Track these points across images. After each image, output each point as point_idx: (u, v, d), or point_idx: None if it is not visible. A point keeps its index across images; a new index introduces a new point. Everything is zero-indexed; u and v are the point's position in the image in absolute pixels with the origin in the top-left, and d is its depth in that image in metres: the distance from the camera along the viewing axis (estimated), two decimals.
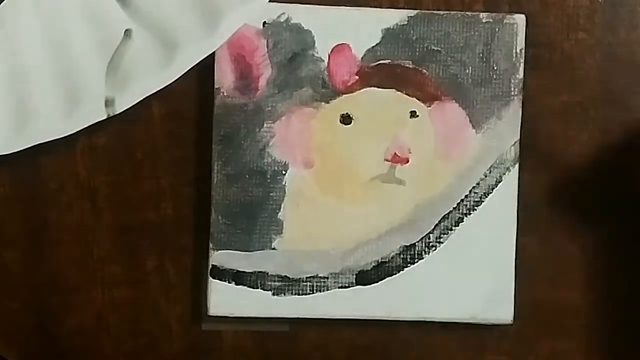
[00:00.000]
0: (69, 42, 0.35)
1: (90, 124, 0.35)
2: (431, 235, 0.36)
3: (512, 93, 0.36)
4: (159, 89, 0.34)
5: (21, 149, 0.35)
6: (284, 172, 0.36)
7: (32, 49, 0.35)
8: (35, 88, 0.35)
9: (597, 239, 0.37)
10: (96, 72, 0.35)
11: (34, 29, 0.35)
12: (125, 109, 0.35)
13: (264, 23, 0.36)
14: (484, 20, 0.36)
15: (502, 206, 0.36)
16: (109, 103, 0.34)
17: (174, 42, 0.34)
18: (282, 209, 0.36)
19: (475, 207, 0.36)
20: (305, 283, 0.36)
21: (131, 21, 0.35)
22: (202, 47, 0.34)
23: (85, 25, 0.35)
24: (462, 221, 0.36)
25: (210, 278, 0.36)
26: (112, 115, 0.35)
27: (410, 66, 0.36)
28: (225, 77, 0.36)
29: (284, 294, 0.36)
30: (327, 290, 0.36)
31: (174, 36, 0.34)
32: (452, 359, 0.38)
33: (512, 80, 0.36)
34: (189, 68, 0.34)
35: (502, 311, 0.36)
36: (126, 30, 0.35)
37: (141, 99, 0.34)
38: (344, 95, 0.36)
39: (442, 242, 0.36)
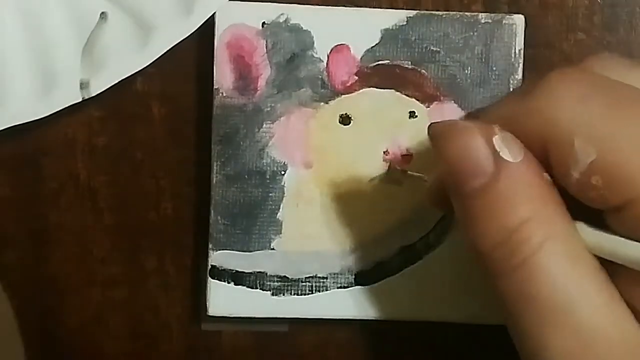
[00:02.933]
0: (44, 25, 0.35)
1: (66, 106, 0.35)
2: (430, 235, 0.36)
3: None
4: (134, 72, 0.34)
5: None
6: (283, 173, 0.36)
7: (7, 30, 0.35)
8: (11, 70, 0.35)
9: None
10: (71, 55, 0.35)
11: (9, 11, 0.35)
12: (100, 91, 0.35)
13: (263, 23, 0.36)
14: (482, 21, 0.36)
15: None
16: (83, 86, 0.34)
17: (149, 25, 0.34)
18: (281, 209, 0.36)
19: None
20: (304, 283, 0.36)
21: (107, 3, 0.35)
22: (178, 30, 0.34)
23: (60, 7, 0.35)
24: None
25: (210, 278, 0.36)
26: (87, 97, 0.34)
27: (409, 67, 0.36)
28: (224, 78, 0.36)
29: (283, 294, 0.36)
30: (326, 290, 0.36)
31: (149, 19, 0.34)
32: (452, 359, 0.38)
33: (511, 81, 0.36)
34: (165, 51, 0.34)
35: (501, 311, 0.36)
36: (102, 12, 0.35)
37: (116, 81, 0.34)
38: (343, 96, 0.36)
39: (442, 243, 0.36)
